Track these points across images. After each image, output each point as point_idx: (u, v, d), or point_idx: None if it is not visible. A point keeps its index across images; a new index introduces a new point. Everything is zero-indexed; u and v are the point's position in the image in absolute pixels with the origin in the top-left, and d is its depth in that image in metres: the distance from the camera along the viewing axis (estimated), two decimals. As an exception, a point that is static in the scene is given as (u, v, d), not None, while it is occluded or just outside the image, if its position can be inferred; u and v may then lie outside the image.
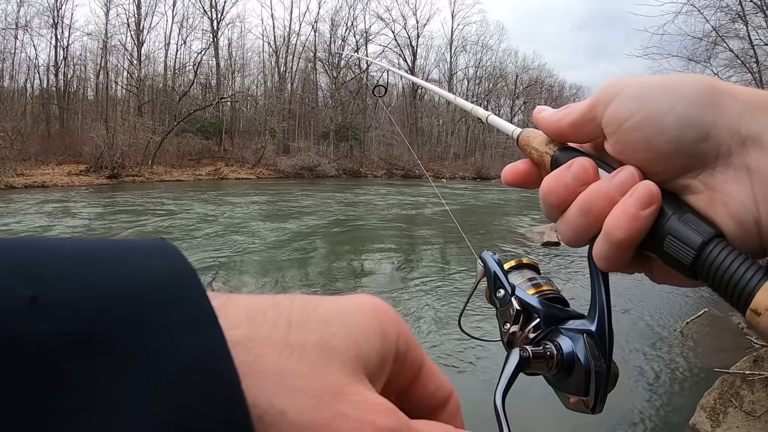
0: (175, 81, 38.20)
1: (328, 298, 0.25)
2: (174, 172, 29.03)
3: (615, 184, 0.38)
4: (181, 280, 0.20)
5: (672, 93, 0.37)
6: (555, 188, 0.41)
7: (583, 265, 8.17)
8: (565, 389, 0.44)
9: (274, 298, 0.24)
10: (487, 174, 45.96)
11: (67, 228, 10.03)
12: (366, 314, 0.25)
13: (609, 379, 0.42)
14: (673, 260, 0.36)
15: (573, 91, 63.05)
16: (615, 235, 0.37)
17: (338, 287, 6.45)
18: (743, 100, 0.36)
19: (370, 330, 0.24)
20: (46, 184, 21.27)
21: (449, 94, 0.76)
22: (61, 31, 33.10)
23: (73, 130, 31.87)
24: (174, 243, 0.20)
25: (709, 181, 0.37)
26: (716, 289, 0.34)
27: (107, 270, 0.19)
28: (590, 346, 0.42)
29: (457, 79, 53.56)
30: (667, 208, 0.37)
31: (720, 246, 0.34)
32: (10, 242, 0.19)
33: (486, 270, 0.50)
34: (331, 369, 0.22)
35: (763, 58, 14.68)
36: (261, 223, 12.11)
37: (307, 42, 44.11)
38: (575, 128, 0.42)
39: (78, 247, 0.20)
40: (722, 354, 5.15)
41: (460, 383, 3.76)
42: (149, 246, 0.21)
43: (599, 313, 0.42)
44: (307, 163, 34.86)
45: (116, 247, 0.21)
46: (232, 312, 0.21)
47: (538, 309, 0.46)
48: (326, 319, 0.23)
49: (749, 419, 3.88)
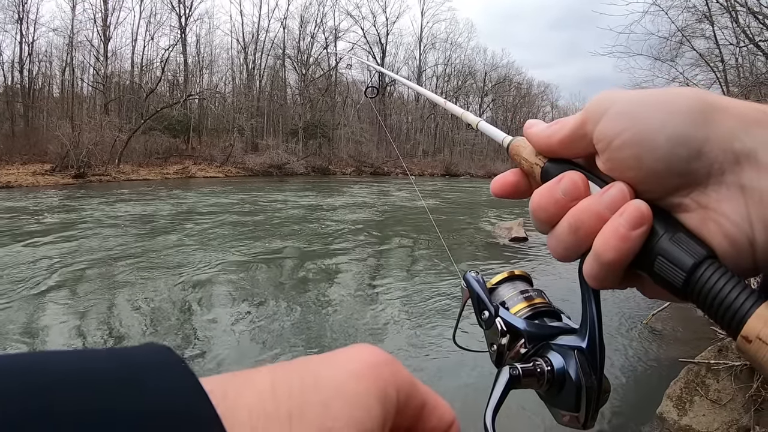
0: (142, 78, 37.95)
1: (325, 365, 0.26)
2: (141, 171, 28.82)
3: (605, 201, 0.37)
4: (190, 404, 0.20)
5: (663, 109, 0.36)
6: (545, 203, 0.41)
7: (548, 258, 8.68)
8: (556, 405, 0.44)
9: (273, 380, 0.24)
10: (455, 171, 46.82)
11: (33, 231, 10.28)
12: (364, 381, 0.25)
13: (600, 395, 0.42)
14: (664, 281, 0.35)
15: (541, 89, 64.64)
16: (605, 256, 0.36)
17: (312, 303, 6.38)
18: (736, 114, 0.35)
19: (371, 399, 0.25)
20: (11, 185, 21.02)
21: (439, 98, 0.76)
22: (26, 26, 32.57)
23: (38, 128, 31.43)
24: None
25: (702, 200, 0.35)
26: (707, 312, 0.33)
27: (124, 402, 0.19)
28: (581, 362, 0.42)
29: (426, 76, 54.37)
30: (659, 227, 0.36)
31: (711, 268, 0.33)
32: (12, 372, 0.19)
33: (470, 291, 0.51)
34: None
35: (728, 58, 15.02)
36: (228, 227, 12.01)
37: (276, 39, 44.34)
38: (566, 144, 0.41)
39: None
40: (687, 344, 5.22)
41: (457, 397, 3.87)
42: (156, 366, 0.21)
43: (590, 329, 0.43)
44: (275, 161, 35.05)
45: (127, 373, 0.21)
46: (237, 420, 0.22)
47: (522, 330, 0.47)
48: (326, 400, 0.23)
49: (715, 407, 3.91)
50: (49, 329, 5.34)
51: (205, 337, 5.29)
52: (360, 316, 6.03)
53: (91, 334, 5.32)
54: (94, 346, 4.94)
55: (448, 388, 4.10)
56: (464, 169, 48.19)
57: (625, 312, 6.31)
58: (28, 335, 5.17)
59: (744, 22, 13.06)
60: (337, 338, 5.31)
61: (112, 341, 5.17)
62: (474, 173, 47.46)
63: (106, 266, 7.87)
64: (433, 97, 0.82)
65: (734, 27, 13.66)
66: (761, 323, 0.31)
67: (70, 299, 6.30)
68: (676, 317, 6.12)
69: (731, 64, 15.18)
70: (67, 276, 7.25)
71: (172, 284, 7.11)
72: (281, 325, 5.63)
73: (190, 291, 6.86)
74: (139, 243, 9.78)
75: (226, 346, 5.06)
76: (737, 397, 3.93)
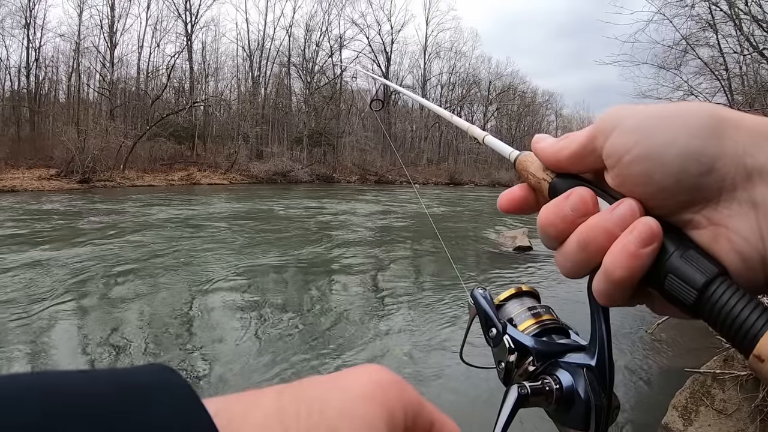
0: (148, 84, 38.19)
1: (332, 387, 0.25)
2: (146, 177, 29.01)
3: (615, 218, 0.37)
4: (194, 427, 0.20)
5: (674, 124, 0.35)
6: (553, 219, 0.40)
7: (552, 268, 8.60)
8: (565, 424, 0.44)
9: (279, 403, 0.24)
10: (460, 179, 46.82)
11: (37, 235, 10.31)
12: (372, 404, 0.25)
13: (610, 413, 0.41)
14: (675, 299, 0.35)
15: (545, 98, 64.72)
16: (614, 274, 0.35)
17: (317, 315, 6.36)
18: (749, 128, 0.34)
19: (379, 421, 0.24)
20: (16, 189, 21.24)
21: (445, 112, 0.76)
22: (33, 31, 32.85)
23: (44, 133, 31.62)
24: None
25: (713, 216, 0.35)
26: (719, 330, 0.33)
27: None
28: (590, 380, 0.42)
29: (431, 85, 54.60)
30: (669, 244, 0.35)
31: (723, 286, 0.33)
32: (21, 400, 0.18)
33: (477, 308, 0.51)
34: None
35: (732, 66, 14.87)
36: (232, 235, 12.02)
37: (281, 47, 44.60)
38: (575, 160, 0.41)
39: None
40: (692, 354, 5.19)
41: (464, 416, 3.84)
42: (158, 394, 0.21)
43: (599, 347, 0.42)
44: (280, 168, 35.17)
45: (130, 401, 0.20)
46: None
47: (530, 348, 0.46)
48: (333, 424, 0.23)
49: (720, 417, 3.89)
50: (50, 335, 5.31)
51: (208, 349, 5.22)
52: (365, 330, 5.96)
53: (91, 343, 5.28)
54: (92, 355, 4.96)
55: (455, 406, 4.06)
56: (468, 178, 48.19)
57: (630, 321, 6.28)
58: (29, 343, 5.13)
59: (748, 30, 13.01)
60: (342, 353, 5.21)
61: (111, 352, 5.11)
62: (478, 182, 47.48)
63: (109, 272, 7.86)
64: (439, 111, 0.81)
65: (738, 35, 13.57)
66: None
67: (72, 305, 6.28)
68: (681, 326, 6.06)
69: (735, 72, 15.05)
70: (69, 281, 7.24)
71: (175, 292, 7.08)
72: (286, 338, 5.56)
73: (194, 300, 6.83)
74: (142, 250, 9.78)
75: (229, 358, 4.99)
76: (743, 406, 3.88)
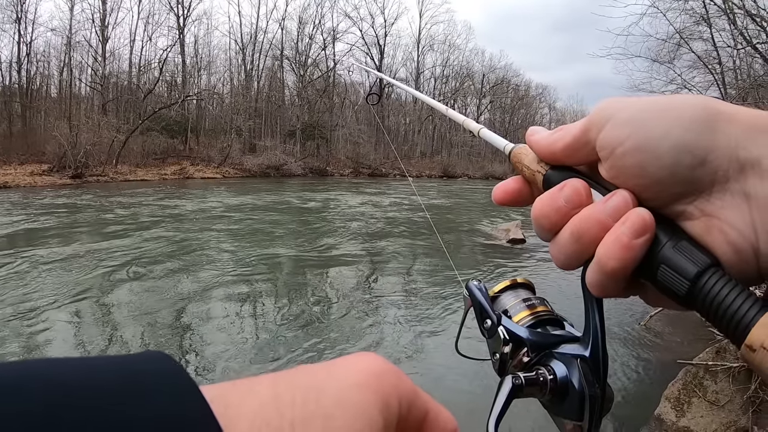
0: (140, 78, 37.93)
1: (328, 375, 0.26)
2: (139, 171, 28.86)
3: (608, 209, 0.37)
4: (192, 414, 0.20)
5: (667, 116, 0.35)
6: (547, 211, 0.40)
7: (546, 260, 8.70)
8: (559, 414, 0.44)
9: (275, 390, 0.24)
10: (453, 172, 46.90)
11: (30, 231, 10.28)
12: (366, 392, 0.25)
13: (604, 403, 0.42)
14: (667, 290, 0.35)
15: (539, 91, 64.84)
16: (607, 265, 0.36)
17: (311, 307, 6.33)
18: (742, 122, 0.35)
19: (373, 410, 0.25)
20: (8, 185, 21.03)
21: (441, 105, 0.76)
22: (24, 26, 32.61)
23: (36, 128, 31.46)
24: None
25: (706, 208, 0.35)
26: (711, 320, 0.33)
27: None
28: (584, 371, 0.42)
29: (424, 78, 54.56)
30: (662, 235, 0.36)
31: (715, 277, 0.33)
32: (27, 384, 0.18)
33: (472, 300, 0.51)
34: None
35: (725, 60, 15.01)
36: (225, 229, 11.97)
37: (274, 40, 44.40)
38: (569, 152, 0.41)
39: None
40: (685, 346, 5.22)
41: (459, 406, 3.69)
42: (156, 377, 0.21)
43: (593, 338, 0.42)
44: (273, 162, 35.11)
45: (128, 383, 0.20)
46: (238, 431, 0.22)
47: (525, 339, 0.46)
48: (328, 411, 0.23)
49: (713, 408, 3.92)
50: (43, 329, 5.32)
51: (205, 340, 5.25)
52: (360, 322, 5.98)
53: (85, 335, 5.29)
54: (88, 346, 4.97)
55: (450, 396, 4.05)
56: (462, 171, 48.27)
57: (623, 313, 6.29)
58: (27, 336, 5.15)
59: (742, 25, 13.06)
60: (337, 344, 5.26)
61: (106, 343, 5.14)
62: (472, 175, 47.58)
63: (104, 266, 7.85)
64: (434, 104, 0.81)
65: (732, 29, 13.64)
66: (765, 332, 0.31)
67: (66, 298, 6.27)
68: (674, 318, 6.11)
69: (729, 67, 15.18)
70: (63, 276, 7.23)
71: (170, 285, 7.08)
72: (281, 329, 5.60)
73: (189, 293, 6.83)
74: (136, 244, 9.75)
75: (225, 349, 5.02)
76: (735, 398, 3.92)
